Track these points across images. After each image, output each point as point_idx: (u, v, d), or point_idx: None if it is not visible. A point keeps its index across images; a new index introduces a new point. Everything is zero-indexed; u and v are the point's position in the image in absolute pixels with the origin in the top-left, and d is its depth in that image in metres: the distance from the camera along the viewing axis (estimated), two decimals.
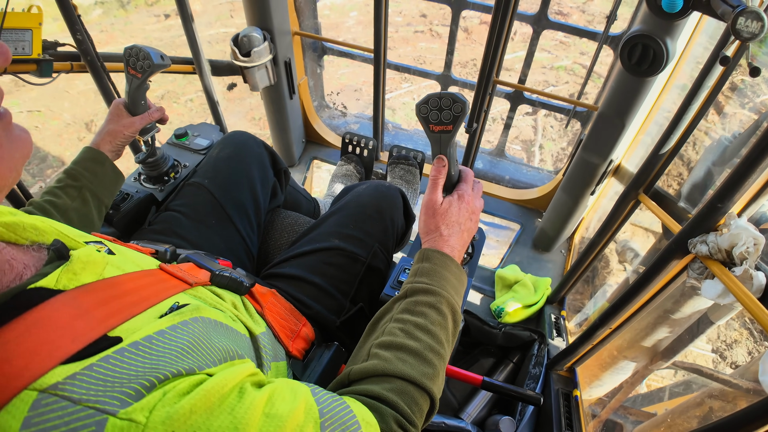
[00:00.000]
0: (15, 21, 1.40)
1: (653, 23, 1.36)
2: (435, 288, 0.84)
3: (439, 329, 0.80)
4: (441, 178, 0.94)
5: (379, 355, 0.75)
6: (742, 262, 0.93)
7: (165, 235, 1.20)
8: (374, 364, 0.73)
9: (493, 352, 1.91)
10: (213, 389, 0.50)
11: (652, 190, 1.43)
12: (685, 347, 1.51)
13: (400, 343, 0.75)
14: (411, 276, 0.89)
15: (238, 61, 1.94)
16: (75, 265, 0.59)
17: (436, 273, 0.87)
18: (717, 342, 3.20)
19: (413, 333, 0.77)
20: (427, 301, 0.82)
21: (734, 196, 0.94)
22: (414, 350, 0.75)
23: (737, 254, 0.93)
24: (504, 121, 2.43)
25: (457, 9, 2.09)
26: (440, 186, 0.95)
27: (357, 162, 2.23)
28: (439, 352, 0.78)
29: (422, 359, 0.74)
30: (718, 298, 0.96)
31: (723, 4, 0.99)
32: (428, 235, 0.94)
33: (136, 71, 1.20)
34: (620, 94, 1.57)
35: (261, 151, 1.39)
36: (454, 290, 0.88)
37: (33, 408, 0.42)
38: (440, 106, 0.88)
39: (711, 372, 1.77)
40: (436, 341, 0.78)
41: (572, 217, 2.02)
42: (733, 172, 0.91)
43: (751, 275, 0.91)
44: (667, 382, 2.20)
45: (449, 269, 0.89)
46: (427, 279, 0.86)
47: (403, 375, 0.71)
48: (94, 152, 1.13)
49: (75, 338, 0.49)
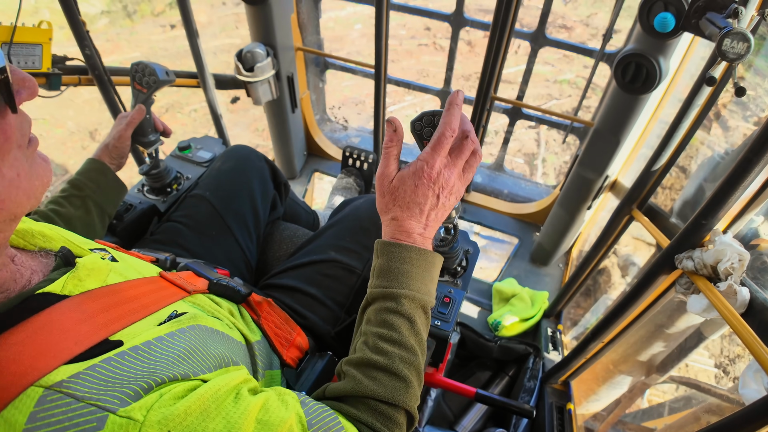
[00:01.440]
0: (26, 36, 1.45)
1: (646, 42, 1.39)
2: (393, 290, 0.77)
3: (407, 334, 0.75)
4: (393, 147, 0.80)
5: (349, 373, 0.73)
6: (727, 278, 0.95)
7: (166, 245, 1.23)
8: (345, 385, 0.72)
9: (489, 365, 1.92)
10: (208, 393, 0.53)
11: (645, 206, 1.46)
12: (680, 361, 1.51)
13: (367, 360, 0.73)
14: (371, 277, 0.82)
15: (242, 76, 1.98)
16: (80, 272, 0.63)
17: (392, 270, 0.78)
18: (720, 357, 3.19)
19: (379, 346, 0.74)
20: (388, 307, 0.76)
21: (718, 213, 0.96)
22: (382, 366, 0.72)
23: (722, 270, 0.95)
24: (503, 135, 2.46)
25: (456, 26, 2.13)
26: (392, 156, 0.81)
27: (357, 175, 2.26)
28: (410, 360, 0.74)
29: (392, 374, 0.72)
30: (703, 312, 0.98)
31: (711, 26, 1.02)
32: (383, 217, 0.83)
33: (141, 86, 1.24)
34: (615, 110, 1.60)
35: (262, 164, 1.42)
36: (420, 281, 0.79)
37: (39, 404, 0.45)
38: (433, 123, 0.90)
39: (708, 387, 1.78)
40: (405, 350, 0.74)
41: (569, 231, 2.04)
42: (716, 190, 0.94)
43: (735, 291, 0.93)
44: (668, 397, 2.20)
45: (409, 261, 0.78)
46: (384, 280, 0.78)
47: (374, 395, 0.69)
48: (97, 163, 1.17)
49: (79, 341, 0.53)
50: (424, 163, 0.77)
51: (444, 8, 2.16)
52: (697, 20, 1.09)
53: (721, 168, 1.43)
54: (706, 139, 1.73)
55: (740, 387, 0.83)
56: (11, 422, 0.44)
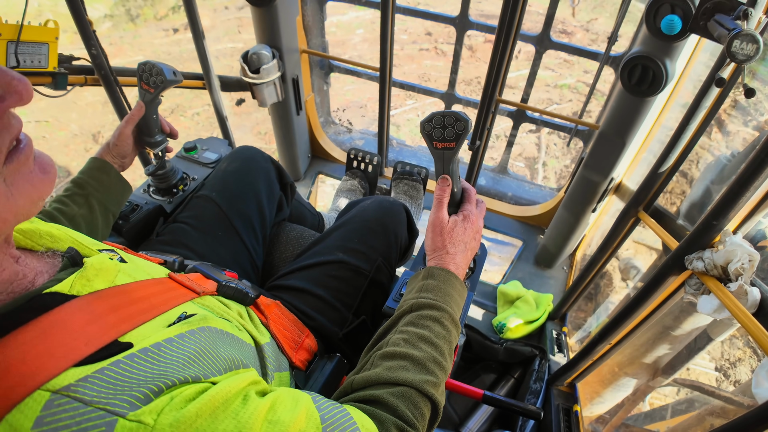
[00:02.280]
0: (32, 35, 1.45)
1: (653, 45, 1.40)
2: (440, 303, 0.86)
3: (442, 342, 0.82)
4: (446, 197, 0.97)
5: (382, 364, 0.77)
6: (737, 278, 0.95)
7: (172, 245, 1.22)
8: (377, 372, 0.74)
9: (494, 367, 1.92)
10: (217, 395, 0.52)
11: (652, 208, 1.45)
12: (685, 364, 1.51)
13: (404, 353, 0.77)
14: (416, 291, 0.91)
15: (248, 78, 1.99)
16: (88, 272, 0.62)
17: (441, 290, 0.89)
18: (721, 360, 3.19)
19: (416, 344, 0.79)
20: (432, 315, 0.85)
21: (729, 213, 0.96)
22: (417, 359, 0.76)
23: (732, 270, 0.95)
24: (507, 138, 2.46)
25: (461, 29, 2.14)
26: (445, 204, 0.97)
27: (361, 177, 2.26)
28: (442, 363, 0.80)
29: (424, 368, 0.76)
30: (714, 313, 0.98)
31: (719, 27, 1.02)
32: (435, 252, 0.96)
33: (149, 86, 1.24)
34: (620, 113, 1.60)
35: (268, 165, 1.42)
36: (457, 306, 0.90)
37: (46, 408, 0.44)
38: (444, 123, 0.91)
39: (712, 389, 1.77)
40: (439, 353, 0.80)
41: (573, 234, 2.04)
42: (727, 191, 0.94)
43: (746, 291, 0.92)
44: (670, 400, 2.20)
45: (453, 286, 0.91)
46: (432, 295, 0.88)
47: (404, 381, 0.72)
48: (100, 162, 1.17)
49: (88, 342, 0.51)
50: (470, 213, 0.99)
51: (449, 12, 2.17)
52: (706, 22, 1.09)
53: (728, 170, 1.43)
54: (708, 142, 1.73)
55: (753, 386, 0.83)
56: (16, 426, 0.43)
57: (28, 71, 1.48)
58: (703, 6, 1.08)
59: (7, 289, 0.55)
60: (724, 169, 1.41)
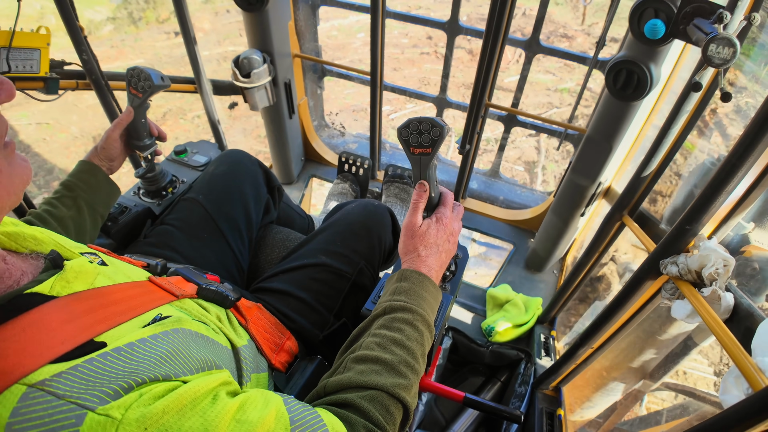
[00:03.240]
0: (24, 41, 1.47)
1: (637, 49, 1.40)
2: (412, 306, 0.87)
3: (414, 345, 0.83)
4: (422, 202, 0.98)
5: (354, 368, 0.78)
6: (711, 283, 0.95)
7: (159, 247, 1.24)
8: (349, 377, 0.75)
9: (481, 370, 1.92)
10: (186, 393, 0.54)
11: (637, 212, 1.46)
12: (671, 368, 1.51)
13: (375, 357, 0.78)
14: (389, 294, 0.92)
15: (239, 82, 2.00)
16: (68, 274, 0.64)
17: (414, 292, 0.90)
18: (720, 365, 3.18)
19: (388, 347, 0.80)
20: (404, 318, 0.86)
21: (702, 218, 0.97)
22: (388, 363, 0.77)
23: (706, 275, 0.96)
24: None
25: (452, 34, 2.15)
26: (420, 209, 0.98)
27: (353, 180, 2.27)
28: (414, 366, 0.81)
29: (396, 371, 0.77)
30: (687, 318, 0.98)
31: (698, 32, 1.03)
32: (407, 256, 0.97)
33: (137, 91, 1.26)
34: (607, 117, 1.61)
35: (255, 168, 1.43)
36: (431, 309, 0.92)
37: (21, 400, 0.47)
38: (420, 129, 0.92)
39: (704, 394, 1.77)
40: (411, 356, 0.81)
41: (563, 238, 2.05)
42: (700, 195, 0.94)
43: (719, 296, 0.93)
44: (666, 404, 2.19)
45: (426, 288, 0.92)
46: (405, 297, 0.89)
47: (375, 385, 0.73)
48: (88, 164, 1.19)
49: (64, 340, 0.54)
50: (442, 215, 1.00)
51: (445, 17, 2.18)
52: (685, 26, 1.10)
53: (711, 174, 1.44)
54: (703, 146, 1.73)
55: (720, 392, 0.83)
56: None
57: (20, 76, 1.50)
58: (683, 10, 1.09)
59: None
60: (708, 173, 1.41)
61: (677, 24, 1.14)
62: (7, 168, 0.54)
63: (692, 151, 1.68)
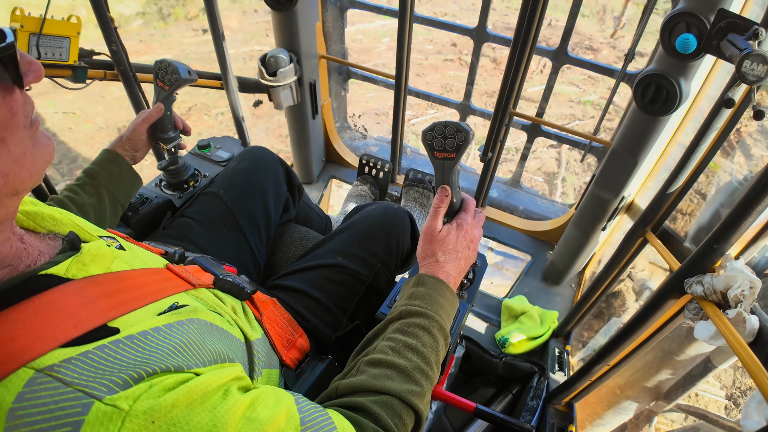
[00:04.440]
0: (55, 28, 1.50)
1: (668, 63, 1.38)
2: (429, 312, 0.85)
3: (429, 352, 0.81)
4: (443, 207, 0.97)
5: (367, 371, 0.76)
6: (736, 305, 0.93)
7: (177, 239, 1.25)
8: (362, 380, 0.74)
9: (493, 381, 1.90)
10: (197, 387, 0.53)
11: (660, 229, 1.43)
12: (687, 390, 1.48)
13: (389, 361, 0.77)
14: (405, 299, 0.90)
15: (265, 80, 2.02)
16: (85, 257, 0.63)
17: (431, 298, 0.88)
18: (732, 388, 3.12)
19: (403, 352, 0.79)
20: (420, 323, 0.84)
21: (731, 237, 0.94)
22: (402, 368, 0.76)
23: (732, 296, 0.93)
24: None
25: (479, 41, 2.14)
26: (441, 214, 0.97)
27: (372, 183, 2.27)
28: (428, 373, 0.79)
29: (409, 378, 0.76)
30: (710, 339, 0.96)
31: (731, 47, 1.01)
32: (425, 260, 0.96)
33: (164, 84, 1.27)
34: (634, 131, 1.59)
35: (277, 166, 1.44)
36: (447, 316, 0.90)
37: (28, 385, 0.46)
38: (445, 134, 0.91)
39: (716, 417, 1.73)
40: (426, 362, 0.80)
41: (583, 251, 2.02)
42: (729, 214, 0.92)
43: (744, 318, 0.90)
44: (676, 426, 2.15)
45: (443, 295, 0.90)
46: (422, 302, 0.87)
47: (388, 390, 0.72)
48: (112, 153, 1.21)
49: (77, 324, 0.53)
50: (463, 221, 0.98)
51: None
52: (719, 42, 1.08)
53: (739, 194, 1.40)
54: (727, 164, 1.70)
55: (742, 418, 0.81)
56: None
57: (49, 63, 1.53)
58: (716, 25, 1.07)
59: (11, 263, 0.57)
60: (735, 193, 1.38)
61: (710, 39, 1.12)
62: (31, 149, 0.54)
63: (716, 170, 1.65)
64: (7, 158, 0.50)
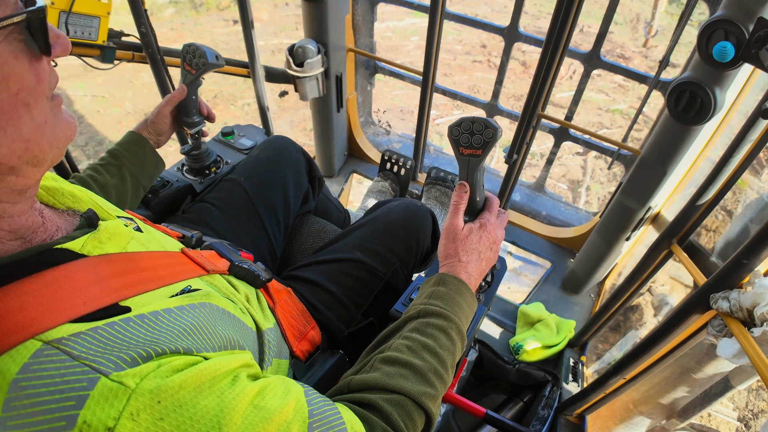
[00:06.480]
0: (85, 7, 1.51)
1: (703, 71, 1.34)
2: (448, 313, 0.84)
3: (446, 354, 0.80)
4: (462, 204, 0.94)
5: (381, 368, 0.75)
6: (762, 323, 0.89)
7: (195, 223, 1.25)
8: (375, 377, 0.73)
9: (504, 388, 1.87)
10: (206, 370, 0.52)
11: (686, 242, 1.39)
12: (703, 409, 1.43)
13: (405, 360, 0.75)
14: (425, 297, 0.88)
15: (291, 71, 2.02)
16: (101, 234, 0.63)
17: (451, 298, 0.87)
18: (744, 410, 3.04)
19: (419, 352, 0.77)
20: (439, 324, 0.82)
21: (761, 253, 0.91)
22: (417, 369, 0.75)
23: (759, 315, 0.90)
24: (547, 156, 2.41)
25: (509, 40, 2.11)
26: (461, 211, 0.94)
27: (393, 179, 2.26)
28: (443, 375, 0.78)
29: (424, 379, 0.74)
30: (734, 358, 0.92)
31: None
32: (446, 260, 0.94)
33: (191, 67, 1.27)
34: (664, 140, 1.54)
35: (299, 157, 1.43)
36: (465, 318, 0.88)
37: (34, 356, 0.45)
38: (472, 130, 0.89)
39: None
40: (441, 364, 0.78)
41: (605, 261, 1.98)
42: (761, 229, 0.89)
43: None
44: None
45: (463, 296, 0.89)
46: (441, 303, 0.86)
47: (402, 390, 0.71)
48: (136, 136, 1.22)
49: (87, 301, 0.53)
50: (486, 221, 0.96)
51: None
52: (757, 51, 1.04)
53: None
54: (755, 182, 1.64)
55: None
56: (2, 370, 0.45)
57: (78, 42, 1.54)
58: (755, 34, 1.03)
59: (23, 236, 0.57)
60: (766, 208, 1.34)
61: (749, 48, 1.08)
62: (52, 119, 0.54)
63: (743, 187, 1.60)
64: (30, 124, 0.51)
